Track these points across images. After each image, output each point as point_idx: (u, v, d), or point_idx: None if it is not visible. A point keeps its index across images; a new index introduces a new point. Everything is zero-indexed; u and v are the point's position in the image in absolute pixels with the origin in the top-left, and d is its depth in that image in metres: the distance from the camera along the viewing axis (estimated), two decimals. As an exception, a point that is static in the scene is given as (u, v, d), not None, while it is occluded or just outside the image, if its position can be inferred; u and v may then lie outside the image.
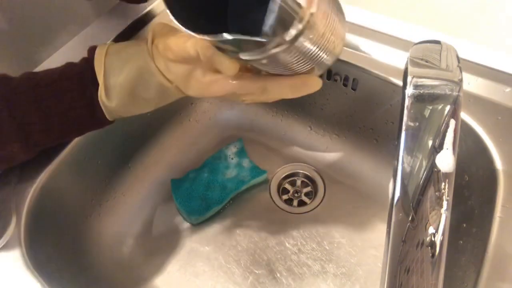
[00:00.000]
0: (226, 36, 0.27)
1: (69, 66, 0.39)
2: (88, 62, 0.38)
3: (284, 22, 0.27)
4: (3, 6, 0.58)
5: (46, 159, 0.46)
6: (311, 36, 0.29)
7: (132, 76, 0.37)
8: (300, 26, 0.27)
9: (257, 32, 0.27)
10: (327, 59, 0.33)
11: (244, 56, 0.30)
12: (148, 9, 0.60)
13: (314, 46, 0.30)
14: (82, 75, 0.38)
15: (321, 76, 0.36)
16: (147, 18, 0.60)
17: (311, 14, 0.27)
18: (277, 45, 0.28)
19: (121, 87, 0.37)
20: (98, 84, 0.37)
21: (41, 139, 0.39)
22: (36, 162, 0.44)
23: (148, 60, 0.36)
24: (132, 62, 0.37)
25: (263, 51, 0.28)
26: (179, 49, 0.34)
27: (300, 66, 0.32)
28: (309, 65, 0.33)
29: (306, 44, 0.29)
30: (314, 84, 0.35)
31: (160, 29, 0.37)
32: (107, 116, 0.39)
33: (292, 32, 0.27)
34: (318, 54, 0.32)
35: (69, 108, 0.38)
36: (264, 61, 0.30)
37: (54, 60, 0.54)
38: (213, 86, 0.35)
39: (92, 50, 0.38)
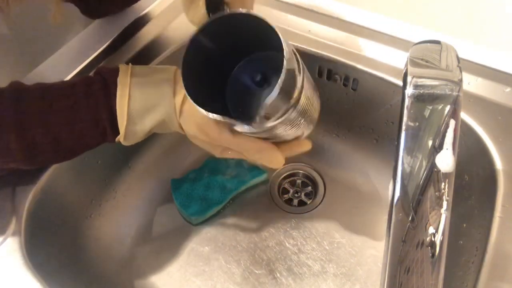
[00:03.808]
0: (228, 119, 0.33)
1: (85, 93, 0.37)
2: (107, 98, 0.37)
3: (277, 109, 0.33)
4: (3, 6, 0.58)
5: (46, 159, 0.46)
6: (296, 115, 0.36)
7: (153, 126, 0.38)
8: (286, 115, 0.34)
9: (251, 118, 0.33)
10: (309, 128, 0.42)
11: (239, 129, 0.35)
12: (146, 10, 0.60)
13: (300, 121, 0.38)
14: (97, 109, 0.37)
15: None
16: (146, 18, 0.60)
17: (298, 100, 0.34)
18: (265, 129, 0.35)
19: (140, 134, 0.39)
20: (114, 121, 0.37)
21: (47, 159, 0.39)
22: (36, 162, 0.45)
23: (173, 116, 0.38)
24: (156, 113, 0.38)
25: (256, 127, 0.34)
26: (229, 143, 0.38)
27: (288, 136, 0.39)
28: (295, 135, 0.40)
29: (292, 121, 0.36)
30: (306, 145, 0.42)
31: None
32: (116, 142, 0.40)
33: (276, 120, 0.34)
34: (302, 128, 0.40)
35: (80, 136, 0.38)
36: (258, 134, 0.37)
37: (54, 60, 0.54)
38: (224, 155, 0.41)
39: (110, 79, 0.37)
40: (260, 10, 0.59)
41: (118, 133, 0.38)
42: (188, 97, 0.33)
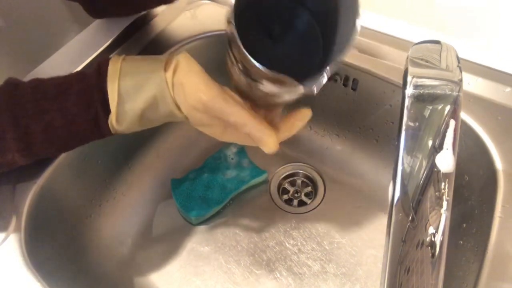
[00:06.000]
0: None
1: (77, 78, 0.38)
2: (98, 78, 0.37)
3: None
4: (4, 6, 0.58)
5: (46, 159, 0.46)
6: None
7: (145, 103, 0.37)
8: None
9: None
10: None
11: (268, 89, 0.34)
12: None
13: None
14: (89, 92, 0.37)
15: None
16: (147, 18, 0.60)
17: None
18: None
19: (133, 114, 0.37)
20: (106, 104, 0.37)
21: (43, 150, 0.39)
22: (36, 162, 0.44)
23: (165, 90, 0.36)
24: (147, 89, 0.37)
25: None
26: (223, 112, 0.36)
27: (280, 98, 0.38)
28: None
29: None
30: (306, 114, 0.40)
31: (186, 62, 0.37)
32: (111, 132, 0.39)
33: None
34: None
35: (72, 122, 0.37)
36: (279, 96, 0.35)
37: (54, 60, 0.54)
38: (227, 138, 0.39)
39: (103, 64, 0.37)
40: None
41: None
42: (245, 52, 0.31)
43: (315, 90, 0.33)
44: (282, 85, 0.34)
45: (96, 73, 0.37)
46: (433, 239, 0.28)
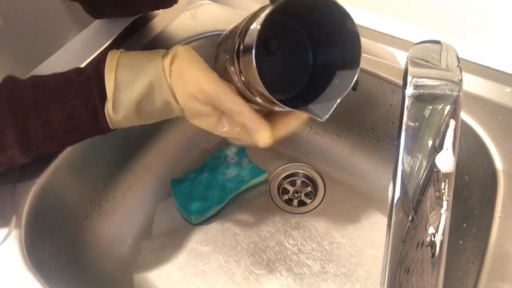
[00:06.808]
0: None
1: (76, 72, 0.38)
2: (96, 71, 0.37)
3: None
4: (4, 6, 0.58)
5: (46, 159, 0.46)
6: None
7: (142, 90, 0.37)
8: None
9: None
10: None
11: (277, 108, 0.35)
12: (148, 9, 0.60)
13: None
14: (88, 84, 0.37)
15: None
16: (147, 18, 0.60)
17: None
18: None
19: (129, 101, 0.37)
20: (104, 95, 0.37)
21: (42, 146, 0.39)
22: (36, 162, 0.44)
23: (162, 76, 0.36)
24: (144, 76, 0.36)
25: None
26: (224, 102, 0.35)
27: None
28: None
29: None
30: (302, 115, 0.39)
31: (185, 52, 0.37)
32: (110, 126, 0.39)
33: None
34: None
35: (71, 116, 0.37)
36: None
37: (54, 60, 0.54)
38: (221, 131, 0.38)
39: (102, 59, 0.37)
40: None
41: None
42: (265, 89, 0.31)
43: (325, 117, 0.34)
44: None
45: (95, 67, 0.38)
46: (433, 239, 0.28)
